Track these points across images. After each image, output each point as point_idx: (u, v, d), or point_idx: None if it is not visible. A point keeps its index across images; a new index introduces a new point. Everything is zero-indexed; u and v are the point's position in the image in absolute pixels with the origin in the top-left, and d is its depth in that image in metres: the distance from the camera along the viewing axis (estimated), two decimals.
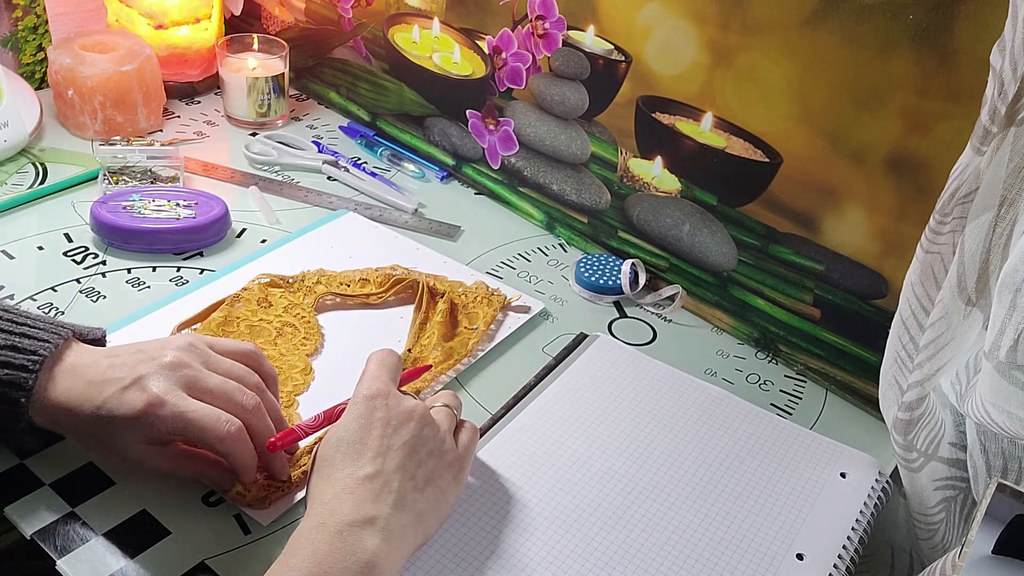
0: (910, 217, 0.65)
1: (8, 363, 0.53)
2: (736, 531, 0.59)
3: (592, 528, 0.58)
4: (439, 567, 0.55)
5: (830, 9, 0.63)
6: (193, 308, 0.72)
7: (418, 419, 0.55)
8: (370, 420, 0.54)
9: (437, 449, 0.55)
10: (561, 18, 0.81)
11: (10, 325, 0.55)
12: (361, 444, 0.53)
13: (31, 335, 0.54)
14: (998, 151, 0.48)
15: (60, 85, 0.93)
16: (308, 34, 1.07)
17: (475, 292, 0.78)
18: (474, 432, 0.60)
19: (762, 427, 0.68)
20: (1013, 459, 0.53)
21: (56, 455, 0.60)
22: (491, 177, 0.95)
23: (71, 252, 0.79)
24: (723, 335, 0.81)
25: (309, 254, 0.82)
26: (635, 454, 0.64)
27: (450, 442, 0.57)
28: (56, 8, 1.02)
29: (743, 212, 0.76)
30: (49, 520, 0.56)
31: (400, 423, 0.54)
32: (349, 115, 1.08)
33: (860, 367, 0.73)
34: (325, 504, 0.50)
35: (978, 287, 0.50)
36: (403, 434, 0.54)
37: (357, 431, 0.53)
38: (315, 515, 0.50)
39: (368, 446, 0.53)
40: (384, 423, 0.54)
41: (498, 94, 0.90)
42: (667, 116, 0.77)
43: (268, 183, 0.93)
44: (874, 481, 0.64)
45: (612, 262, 0.85)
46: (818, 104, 0.67)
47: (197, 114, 1.05)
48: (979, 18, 0.56)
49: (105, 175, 0.88)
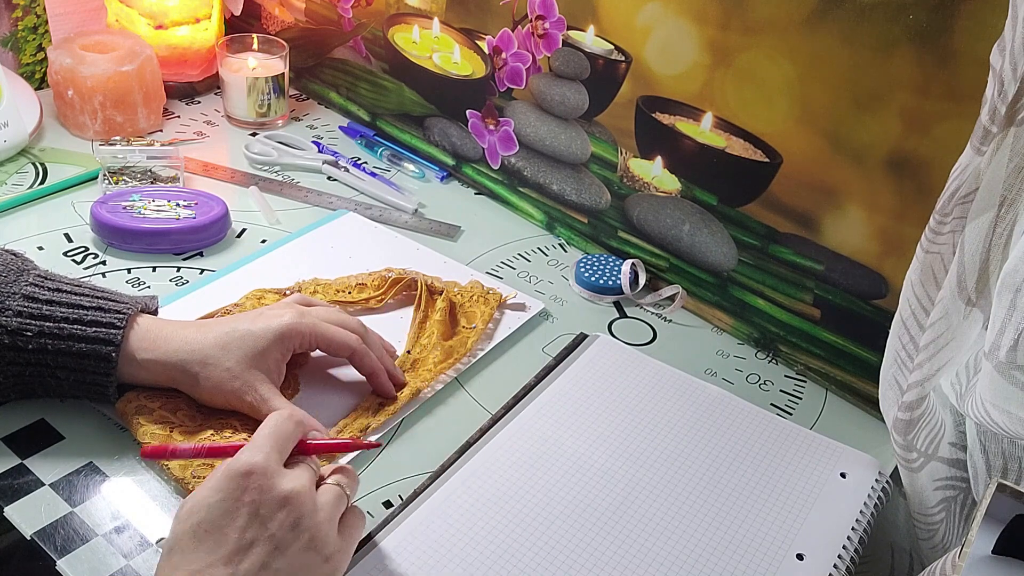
0: (910, 217, 0.65)
1: (97, 322, 0.60)
2: (736, 531, 0.59)
3: (592, 528, 0.58)
4: (439, 567, 0.55)
5: (830, 9, 0.63)
6: (193, 308, 0.72)
7: (294, 506, 0.49)
8: (236, 504, 0.48)
9: (311, 543, 0.49)
10: (561, 18, 0.81)
11: (92, 291, 0.62)
12: (219, 533, 0.47)
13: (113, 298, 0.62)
14: (998, 151, 0.48)
15: (60, 85, 0.93)
16: (308, 34, 1.07)
17: (471, 291, 0.78)
18: (361, 520, 0.53)
19: (762, 427, 0.68)
20: (1013, 459, 0.53)
21: (56, 455, 0.60)
22: (491, 177, 0.95)
23: (71, 252, 0.79)
24: (723, 335, 0.81)
25: (309, 254, 0.82)
26: (635, 454, 0.64)
27: (329, 533, 0.50)
28: (56, 8, 1.02)
29: (743, 212, 0.76)
30: (49, 520, 0.56)
31: (271, 511, 0.48)
32: (349, 115, 1.08)
33: (860, 367, 0.73)
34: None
35: (978, 287, 0.50)
36: (271, 526, 0.48)
37: (219, 515, 0.47)
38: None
39: (227, 538, 0.47)
40: (251, 511, 0.48)
41: (498, 94, 0.90)
42: (667, 116, 0.77)
43: (268, 183, 0.93)
44: (874, 481, 0.64)
45: (612, 262, 0.85)
46: (818, 104, 0.67)
47: (197, 114, 1.05)
48: (979, 18, 0.56)
49: (105, 175, 0.88)
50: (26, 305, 0.59)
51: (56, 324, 0.59)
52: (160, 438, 0.59)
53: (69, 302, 0.60)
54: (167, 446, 0.56)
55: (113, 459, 0.60)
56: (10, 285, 0.60)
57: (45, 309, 0.59)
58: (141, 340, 0.61)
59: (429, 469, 0.62)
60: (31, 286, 0.61)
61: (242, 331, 0.62)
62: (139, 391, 0.62)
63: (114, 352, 0.59)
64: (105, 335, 0.60)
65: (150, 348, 0.61)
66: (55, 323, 0.59)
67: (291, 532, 0.48)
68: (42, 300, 0.60)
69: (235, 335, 0.61)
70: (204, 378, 0.61)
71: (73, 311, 0.60)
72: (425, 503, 0.59)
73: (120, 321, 0.60)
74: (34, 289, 0.60)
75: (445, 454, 0.63)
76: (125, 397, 0.61)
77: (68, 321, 0.59)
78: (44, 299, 0.60)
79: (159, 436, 0.59)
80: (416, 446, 0.65)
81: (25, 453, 0.60)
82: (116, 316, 0.60)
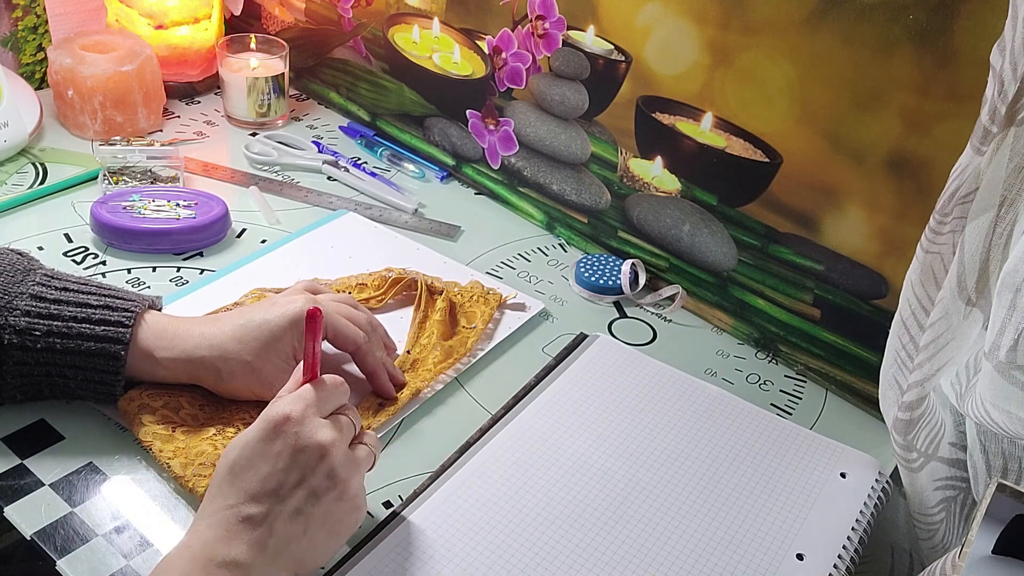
0: (910, 217, 0.65)
1: (105, 320, 0.60)
2: (736, 531, 0.59)
3: (592, 528, 0.58)
4: (439, 567, 0.55)
5: (830, 9, 0.63)
6: (193, 309, 0.72)
7: (331, 457, 0.51)
8: (270, 445, 0.50)
9: (343, 494, 0.51)
10: (561, 18, 0.81)
11: (99, 289, 0.62)
12: (253, 471, 0.49)
13: (120, 296, 0.62)
14: (998, 151, 0.48)
15: (60, 85, 0.93)
16: (308, 34, 1.07)
17: (471, 291, 0.78)
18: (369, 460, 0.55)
19: (762, 427, 0.68)
20: (1013, 459, 0.53)
21: (56, 455, 0.60)
22: (491, 177, 0.95)
23: (71, 252, 0.79)
24: (723, 335, 0.81)
25: (309, 254, 0.82)
26: (635, 454, 0.64)
27: (360, 487, 0.53)
28: (56, 8, 1.02)
29: (743, 212, 0.76)
30: (49, 520, 0.56)
31: (310, 460, 0.50)
32: (349, 115, 1.08)
33: (860, 367, 0.73)
34: (201, 533, 0.48)
35: (978, 287, 0.50)
36: (308, 474, 0.50)
37: (254, 455, 0.49)
38: (189, 544, 0.48)
39: (262, 476, 0.49)
40: (290, 456, 0.50)
41: (498, 94, 0.90)
42: (667, 116, 0.77)
43: (268, 183, 0.93)
44: (874, 481, 0.64)
45: (612, 262, 0.85)
46: (818, 104, 0.67)
47: (197, 114, 1.05)
48: (979, 18, 0.56)
49: (105, 175, 0.88)
50: (34, 305, 0.59)
51: (64, 323, 0.59)
52: (162, 437, 0.59)
53: (77, 301, 0.60)
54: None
55: (113, 459, 0.60)
56: (17, 285, 0.60)
57: (53, 308, 0.59)
58: (158, 338, 0.61)
59: (429, 469, 0.62)
60: (38, 285, 0.61)
61: (258, 321, 0.62)
62: (142, 389, 0.62)
63: (123, 351, 0.60)
64: (114, 334, 0.60)
65: (168, 346, 0.61)
66: (63, 322, 0.59)
67: (327, 480, 0.50)
68: (50, 299, 0.60)
69: (251, 326, 0.62)
70: (227, 373, 0.61)
71: (81, 310, 0.60)
72: (425, 503, 0.59)
73: (128, 320, 0.60)
74: (41, 288, 0.60)
75: (445, 454, 0.63)
76: (127, 396, 0.62)
77: (76, 320, 0.59)
78: (52, 298, 0.60)
79: (161, 435, 0.59)
80: (416, 446, 0.65)
81: (25, 453, 0.60)
82: (124, 315, 0.60)
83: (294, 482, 0.49)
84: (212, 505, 0.49)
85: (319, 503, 0.50)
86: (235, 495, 0.49)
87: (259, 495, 0.49)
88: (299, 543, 0.49)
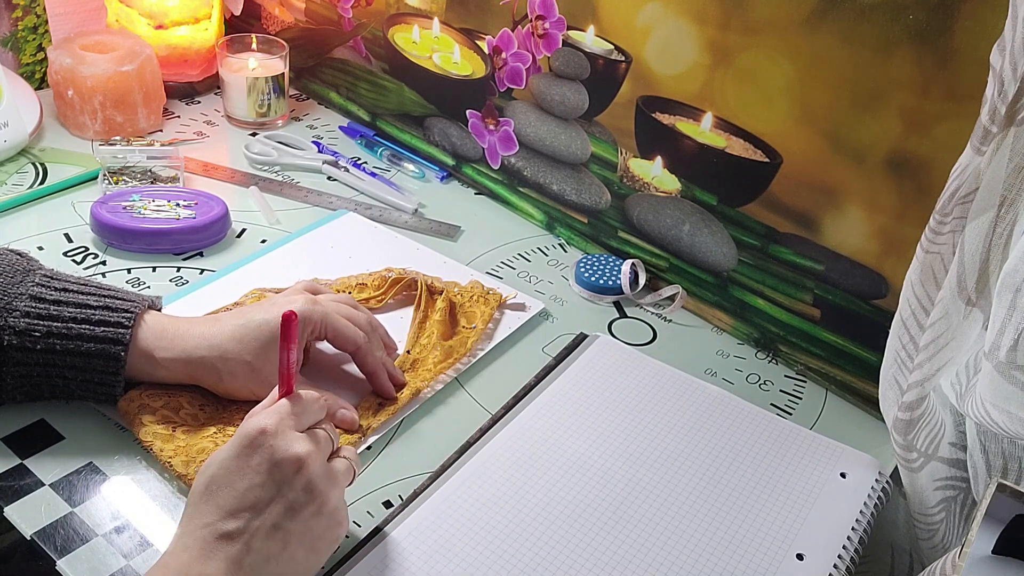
0: (910, 217, 0.65)
1: (105, 321, 0.60)
2: (736, 531, 0.59)
3: (592, 528, 0.58)
4: (439, 567, 0.55)
5: (830, 9, 0.63)
6: (193, 309, 0.72)
7: (307, 470, 0.49)
8: (246, 461, 0.49)
9: (322, 508, 0.50)
10: (561, 18, 0.81)
11: (99, 290, 0.62)
12: (230, 488, 0.48)
13: (120, 296, 0.62)
14: (998, 151, 0.48)
15: (60, 85, 0.93)
16: (308, 34, 1.07)
17: (471, 291, 0.78)
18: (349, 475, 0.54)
19: (762, 427, 0.68)
20: (1013, 459, 0.53)
21: (56, 455, 0.60)
22: (491, 177, 0.95)
23: (71, 252, 0.79)
24: (723, 335, 0.81)
25: (309, 254, 0.82)
26: (635, 454, 0.64)
27: (340, 501, 0.52)
28: (56, 8, 1.02)
29: (743, 212, 0.76)
30: (49, 520, 0.56)
31: (287, 474, 0.49)
32: (349, 115, 1.08)
33: (860, 367, 0.73)
34: (178, 555, 0.47)
35: (978, 287, 0.50)
36: (286, 489, 0.49)
37: (230, 472, 0.48)
38: (167, 564, 0.47)
39: (238, 493, 0.48)
40: (267, 470, 0.48)
41: (498, 94, 0.90)
42: (667, 116, 0.77)
43: (268, 183, 0.93)
44: (874, 481, 0.64)
45: (612, 262, 0.85)
46: (818, 104, 0.67)
47: (197, 114, 1.05)
48: (979, 18, 0.56)
49: (105, 175, 0.88)
50: (33, 305, 0.59)
51: (64, 324, 0.59)
52: (163, 437, 0.59)
53: (76, 302, 0.60)
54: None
55: (113, 459, 0.60)
56: (16, 286, 0.60)
57: (52, 309, 0.59)
58: (158, 339, 0.61)
59: (429, 469, 0.62)
60: (38, 286, 0.61)
61: (258, 321, 0.62)
62: (141, 390, 0.62)
63: (123, 351, 0.60)
64: (114, 334, 0.60)
65: (168, 347, 0.61)
66: (63, 323, 0.59)
67: (305, 494, 0.49)
68: (49, 300, 0.60)
69: (251, 326, 0.61)
70: (226, 373, 0.61)
71: (81, 311, 0.60)
72: (425, 503, 0.59)
73: (128, 320, 0.60)
74: (41, 289, 0.60)
75: (445, 454, 0.63)
76: (127, 396, 0.61)
77: (76, 321, 0.59)
78: (51, 299, 0.60)
79: (162, 435, 0.59)
80: (416, 446, 0.65)
81: (25, 453, 0.60)
82: (124, 315, 0.60)
83: (271, 496, 0.48)
84: (189, 524, 0.48)
85: (297, 518, 0.49)
86: (212, 513, 0.48)
87: (236, 511, 0.47)
88: (278, 561, 0.48)
